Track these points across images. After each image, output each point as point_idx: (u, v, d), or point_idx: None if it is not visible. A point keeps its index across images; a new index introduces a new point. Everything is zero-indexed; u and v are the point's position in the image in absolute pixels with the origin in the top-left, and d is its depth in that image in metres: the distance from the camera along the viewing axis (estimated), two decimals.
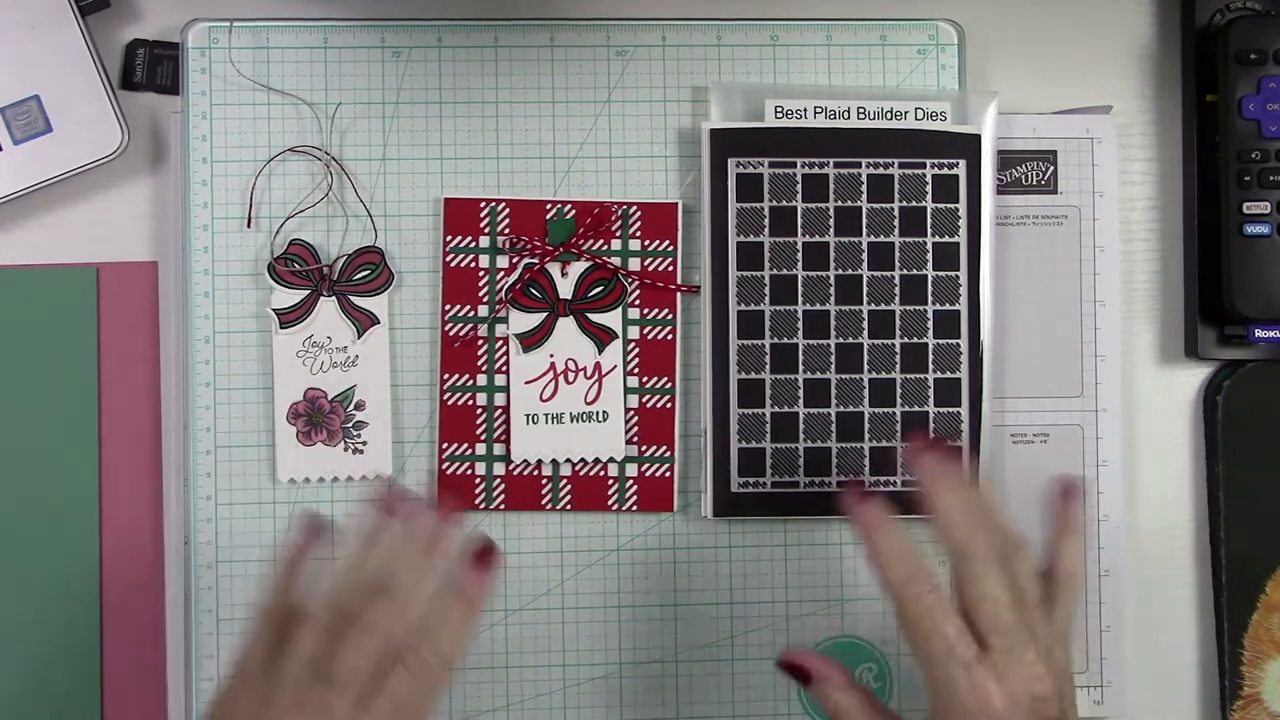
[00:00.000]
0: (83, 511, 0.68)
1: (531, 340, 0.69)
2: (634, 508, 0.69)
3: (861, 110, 0.69)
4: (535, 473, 0.69)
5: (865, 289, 0.69)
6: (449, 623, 0.55)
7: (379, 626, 0.54)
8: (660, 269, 0.69)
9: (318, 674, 0.53)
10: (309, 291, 0.68)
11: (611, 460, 0.69)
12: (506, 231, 0.69)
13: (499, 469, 0.69)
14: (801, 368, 0.69)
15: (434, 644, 0.54)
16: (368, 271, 0.69)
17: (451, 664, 0.55)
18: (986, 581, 0.56)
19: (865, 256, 0.69)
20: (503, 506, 0.69)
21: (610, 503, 0.69)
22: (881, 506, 0.58)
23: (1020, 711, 0.54)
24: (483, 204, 0.69)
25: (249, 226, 0.68)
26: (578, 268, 0.69)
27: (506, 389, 0.69)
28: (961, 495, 0.58)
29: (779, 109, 0.69)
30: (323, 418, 0.68)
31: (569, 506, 0.69)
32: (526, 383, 0.69)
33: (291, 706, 0.53)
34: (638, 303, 0.69)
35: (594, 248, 0.69)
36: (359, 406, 0.68)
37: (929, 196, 0.69)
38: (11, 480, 0.68)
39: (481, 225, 0.69)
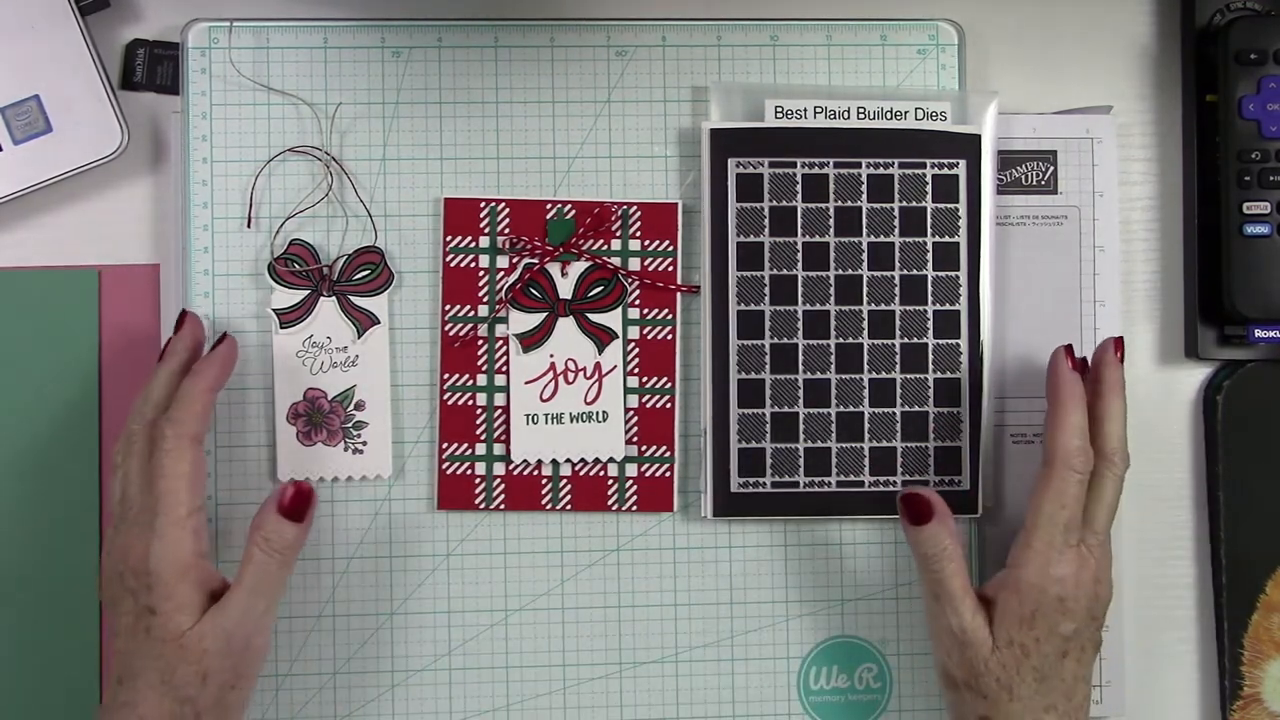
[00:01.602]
0: (83, 512, 0.68)
1: (531, 340, 0.69)
2: (634, 508, 0.69)
3: (861, 110, 0.69)
4: (535, 473, 0.69)
5: (865, 289, 0.69)
6: (178, 394, 0.62)
7: (132, 429, 0.62)
8: (660, 269, 0.69)
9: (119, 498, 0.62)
10: (309, 291, 0.68)
11: (611, 460, 0.69)
12: (506, 231, 0.69)
13: (499, 469, 0.69)
14: (801, 368, 0.69)
15: (167, 415, 0.61)
16: (368, 271, 0.69)
17: (183, 425, 0.60)
18: (1113, 491, 0.64)
19: (865, 256, 0.69)
20: (503, 506, 0.69)
21: (610, 503, 0.69)
22: (1081, 385, 0.65)
23: (1085, 593, 0.63)
24: (483, 204, 0.69)
25: (249, 227, 0.68)
26: (578, 268, 0.69)
27: (506, 389, 0.69)
28: (1123, 407, 0.65)
29: (779, 109, 0.69)
30: (323, 418, 0.68)
31: (569, 506, 0.69)
32: (526, 383, 0.69)
33: (111, 531, 0.62)
34: (638, 303, 0.69)
35: (594, 248, 0.69)
36: (359, 406, 0.68)
37: (929, 196, 0.69)
38: (13, 481, 0.68)
39: (481, 225, 0.69)
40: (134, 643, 0.59)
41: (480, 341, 0.69)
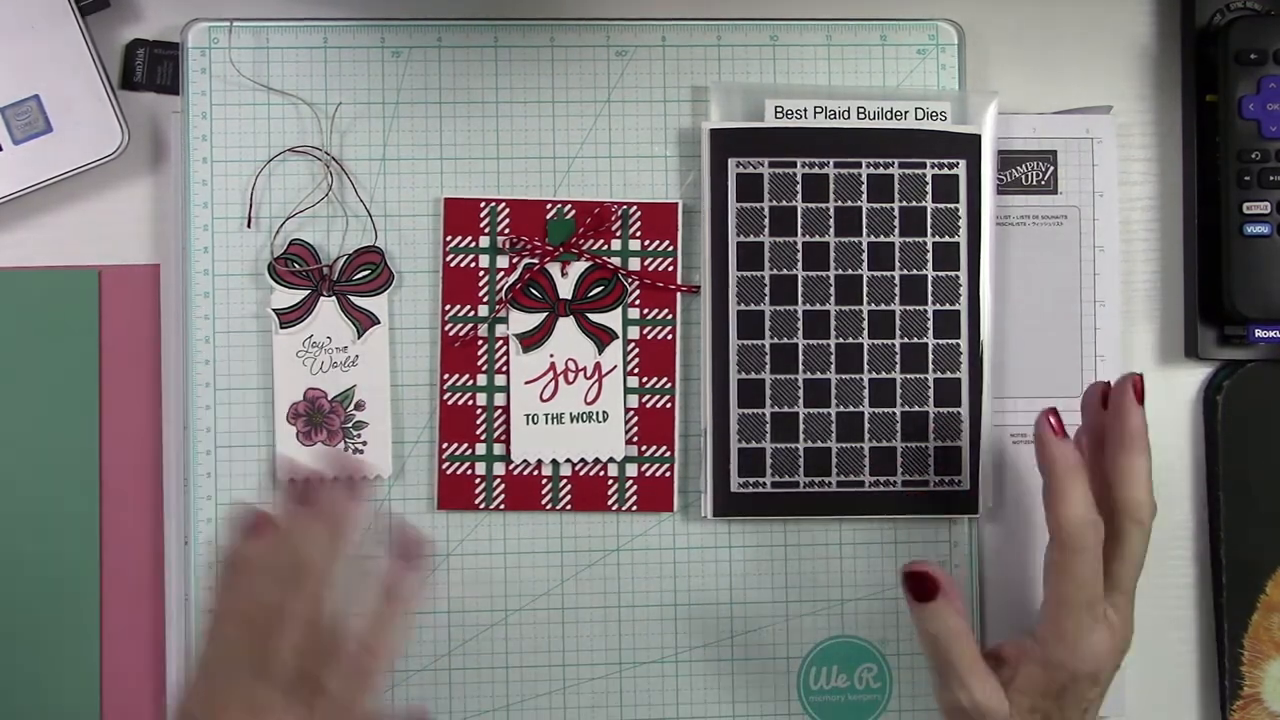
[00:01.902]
0: (83, 512, 0.68)
1: (531, 340, 0.69)
2: (634, 508, 0.69)
3: (861, 110, 0.69)
4: (535, 473, 0.69)
5: (865, 289, 0.69)
6: (379, 619, 0.55)
7: (297, 615, 0.53)
8: (660, 269, 0.69)
9: (253, 669, 0.53)
10: (309, 291, 0.68)
11: (611, 460, 0.69)
12: (506, 231, 0.69)
13: (499, 469, 0.69)
14: (801, 368, 0.69)
15: (364, 640, 0.55)
16: (368, 271, 0.69)
17: (384, 659, 0.55)
18: (1141, 546, 0.61)
19: (865, 256, 0.69)
20: (503, 506, 0.69)
21: (610, 503, 0.69)
22: (1075, 450, 0.61)
23: (1116, 660, 0.61)
24: (483, 204, 0.69)
25: (249, 226, 0.68)
26: (578, 268, 0.69)
27: (506, 389, 0.69)
28: (1148, 458, 0.62)
29: (779, 109, 0.69)
30: (323, 418, 0.68)
31: (569, 506, 0.69)
32: (526, 383, 0.69)
33: (234, 702, 0.53)
34: (638, 303, 0.69)
35: (594, 248, 0.69)
36: (359, 406, 0.68)
37: (929, 196, 0.69)
38: (12, 481, 0.68)
39: (481, 225, 0.69)
40: None
41: (480, 341, 0.69)
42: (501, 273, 0.69)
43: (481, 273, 0.69)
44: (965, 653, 0.60)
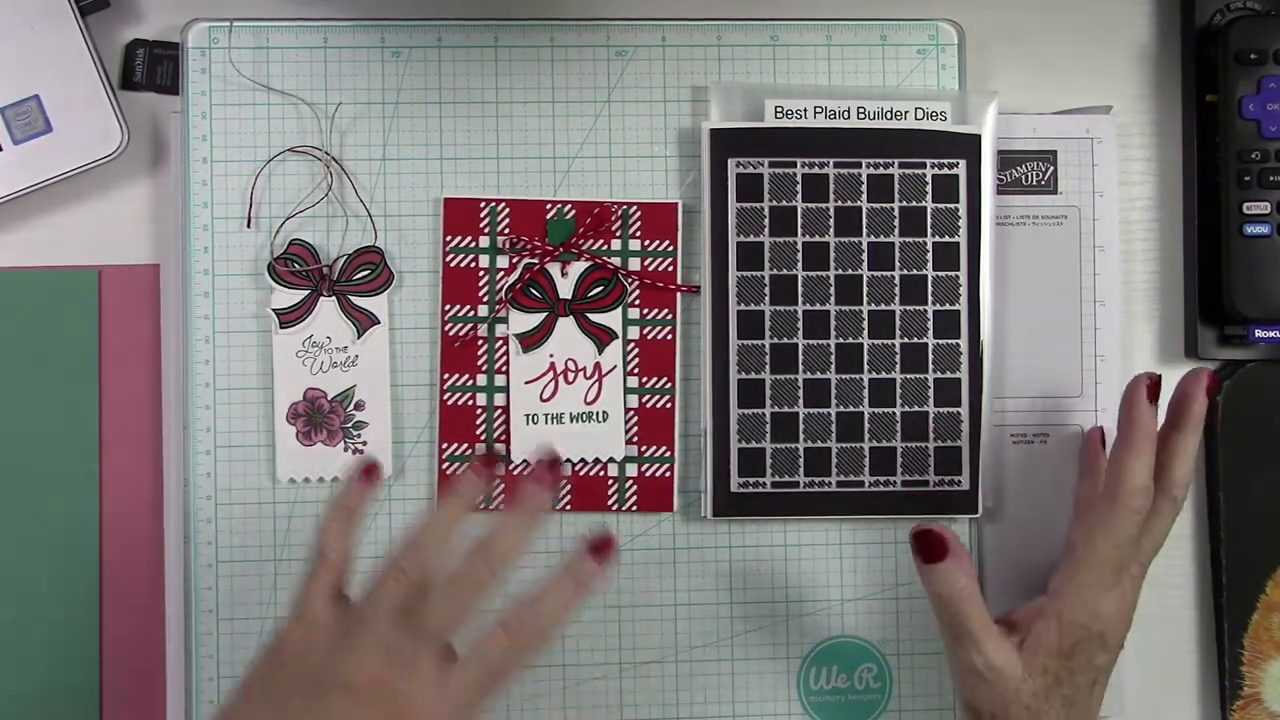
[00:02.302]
0: (83, 512, 0.68)
1: (531, 340, 0.69)
2: (634, 508, 0.69)
3: (861, 110, 0.69)
4: None
5: (865, 289, 0.69)
6: (555, 595, 0.55)
7: (474, 581, 0.54)
8: (660, 269, 0.69)
9: (406, 622, 0.53)
10: (309, 291, 0.68)
11: (611, 460, 0.69)
12: (506, 231, 0.69)
13: (499, 469, 0.69)
14: (801, 368, 0.69)
15: (536, 613, 0.54)
16: (368, 271, 0.69)
17: (547, 637, 0.55)
18: (1168, 526, 0.63)
19: (865, 256, 0.69)
20: (503, 507, 0.69)
21: (610, 503, 0.69)
22: (1155, 420, 0.63)
23: (1124, 627, 0.62)
24: (483, 204, 0.69)
25: (249, 226, 0.68)
26: (578, 268, 0.69)
27: (506, 389, 0.69)
28: (1198, 444, 0.64)
29: (779, 109, 0.69)
30: (323, 418, 0.68)
31: (569, 507, 0.69)
32: (526, 383, 0.69)
33: (375, 649, 0.53)
34: (638, 303, 0.69)
35: (594, 248, 0.69)
36: (359, 406, 0.68)
37: (929, 196, 0.69)
38: (12, 481, 0.68)
39: (481, 225, 0.69)
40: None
41: (480, 341, 0.69)
42: (501, 273, 0.69)
43: (481, 273, 0.69)
44: (976, 613, 0.61)
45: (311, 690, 0.52)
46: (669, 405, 0.69)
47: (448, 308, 0.69)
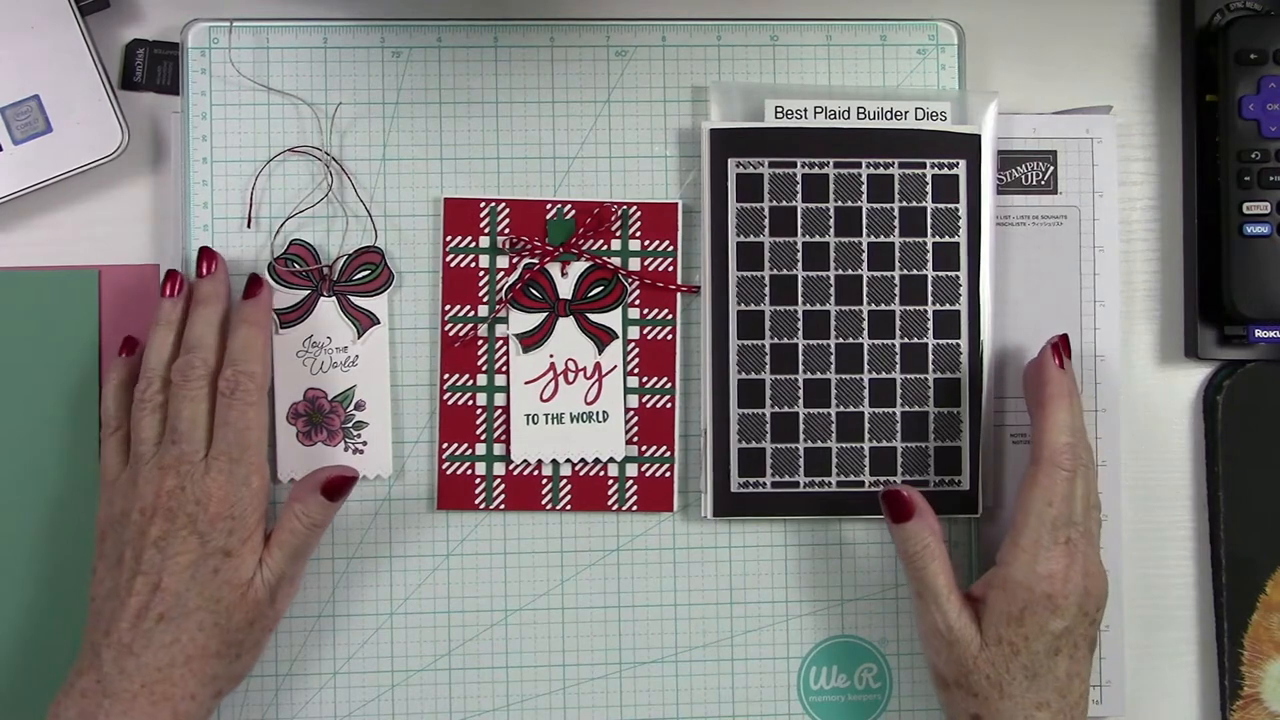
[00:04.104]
0: (84, 513, 0.68)
1: (531, 340, 0.69)
2: (634, 508, 0.69)
3: (861, 110, 0.69)
4: (535, 473, 0.69)
5: (865, 289, 0.69)
6: (243, 343, 0.64)
7: (193, 372, 0.63)
8: (660, 269, 0.69)
9: (167, 439, 0.62)
10: (309, 291, 0.68)
11: (611, 460, 0.69)
12: (506, 231, 0.69)
13: (499, 469, 0.69)
14: (801, 368, 0.69)
15: (239, 365, 0.63)
16: (368, 271, 0.69)
17: (259, 378, 0.63)
18: (1085, 486, 0.64)
19: (865, 256, 0.69)
20: (503, 507, 0.69)
21: (610, 503, 0.69)
22: (1070, 378, 0.65)
23: (1075, 589, 0.62)
24: (483, 204, 0.69)
25: (249, 227, 0.68)
26: (578, 268, 0.69)
27: (506, 389, 0.69)
28: (1078, 411, 0.65)
29: (779, 109, 0.69)
30: (323, 418, 0.68)
31: (569, 506, 0.69)
32: (526, 383, 0.69)
33: (152, 472, 0.62)
34: (638, 303, 0.69)
35: (594, 248, 0.69)
36: (359, 406, 0.68)
37: (929, 196, 0.69)
38: (13, 482, 0.68)
39: (481, 225, 0.69)
40: (194, 583, 0.61)
41: (480, 341, 0.69)
42: (501, 273, 0.69)
43: (481, 273, 0.69)
44: (940, 573, 0.64)
45: (128, 533, 0.62)
46: (669, 405, 0.69)
47: (448, 308, 0.69)
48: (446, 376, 0.69)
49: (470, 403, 0.69)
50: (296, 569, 0.64)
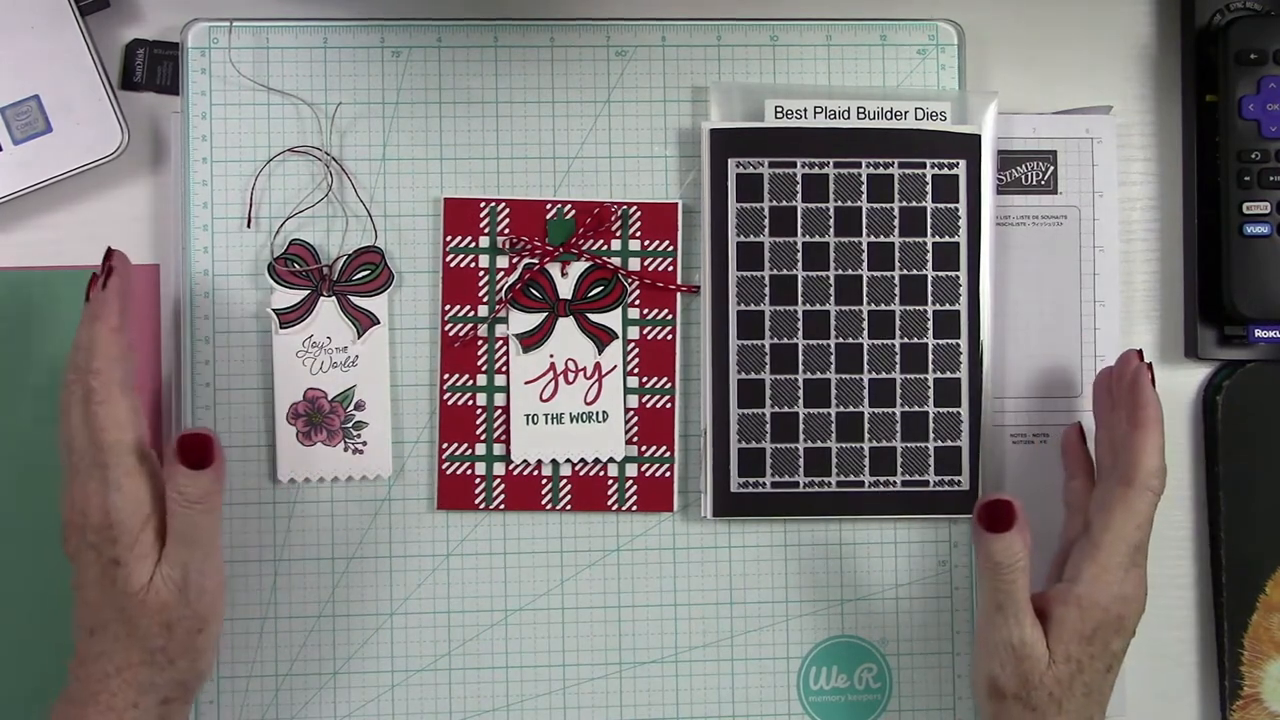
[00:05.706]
0: None
1: (531, 340, 0.69)
2: (634, 508, 0.69)
3: (861, 110, 0.69)
4: (535, 473, 0.69)
5: (865, 289, 0.69)
6: (86, 343, 0.59)
7: (68, 376, 0.59)
8: (660, 269, 0.69)
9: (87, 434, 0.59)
10: (309, 291, 0.68)
11: (611, 460, 0.69)
12: (506, 231, 0.69)
13: (499, 469, 0.69)
14: (801, 368, 0.69)
15: (83, 367, 0.59)
16: (368, 271, 0.69)
17: (104, 374, 0.58)
18: (1149, 509, 0.63)
19: (865, 256, 0.69)
20: (503, 507, 0.69)
21: (610, 503, 0.69)
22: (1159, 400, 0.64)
23: (1139, 613, 0.63)
24: (483, 204, 0.69)
25: (249, 226, 0.68)
26: (578, 268, 0.69)
27: (506, 389, 0.69)
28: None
29: (779, 109, 0.69)
30: (323, 418, 0.68)
31: (569, 507, 0.69)
32: (526, 383, 0.69)
33: (68, 476, 0.59)
34: (638, 303, 0.69)
35: (594, 248, 0.69)
36: (359, 406, 0.68)
37: (929, 196, 0.69)
38: (12, 482, 0.68)
39: (481, 225, 0.69)
40: (102, 595, 0.59)
41: (480, 341, 0.69)
42: (501, 273, 0.69)
43: (481, 273, 0.69)
44: (1026, 587, 0.62)
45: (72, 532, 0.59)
46: (669, 405, 0.69)
47: (448, 308, 0.69)
48: (446, 376, 0.69)
49: (470, 403, 0.69)
50: (201, 557, 0.59)
